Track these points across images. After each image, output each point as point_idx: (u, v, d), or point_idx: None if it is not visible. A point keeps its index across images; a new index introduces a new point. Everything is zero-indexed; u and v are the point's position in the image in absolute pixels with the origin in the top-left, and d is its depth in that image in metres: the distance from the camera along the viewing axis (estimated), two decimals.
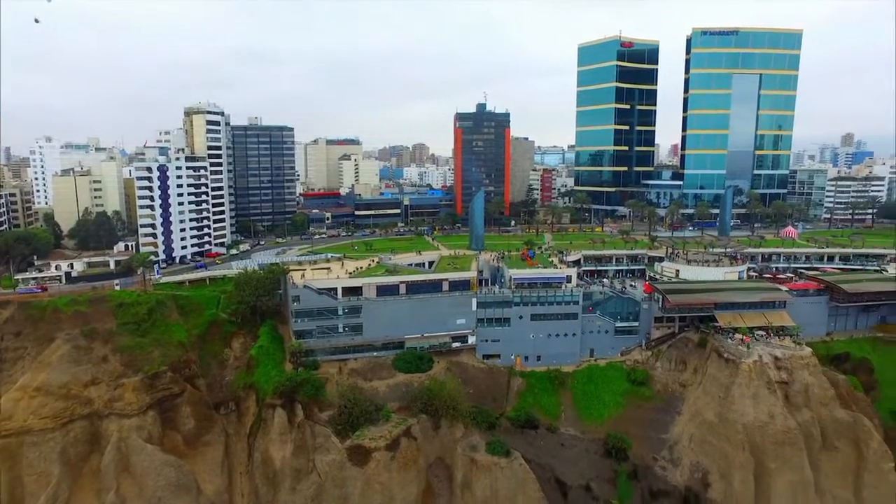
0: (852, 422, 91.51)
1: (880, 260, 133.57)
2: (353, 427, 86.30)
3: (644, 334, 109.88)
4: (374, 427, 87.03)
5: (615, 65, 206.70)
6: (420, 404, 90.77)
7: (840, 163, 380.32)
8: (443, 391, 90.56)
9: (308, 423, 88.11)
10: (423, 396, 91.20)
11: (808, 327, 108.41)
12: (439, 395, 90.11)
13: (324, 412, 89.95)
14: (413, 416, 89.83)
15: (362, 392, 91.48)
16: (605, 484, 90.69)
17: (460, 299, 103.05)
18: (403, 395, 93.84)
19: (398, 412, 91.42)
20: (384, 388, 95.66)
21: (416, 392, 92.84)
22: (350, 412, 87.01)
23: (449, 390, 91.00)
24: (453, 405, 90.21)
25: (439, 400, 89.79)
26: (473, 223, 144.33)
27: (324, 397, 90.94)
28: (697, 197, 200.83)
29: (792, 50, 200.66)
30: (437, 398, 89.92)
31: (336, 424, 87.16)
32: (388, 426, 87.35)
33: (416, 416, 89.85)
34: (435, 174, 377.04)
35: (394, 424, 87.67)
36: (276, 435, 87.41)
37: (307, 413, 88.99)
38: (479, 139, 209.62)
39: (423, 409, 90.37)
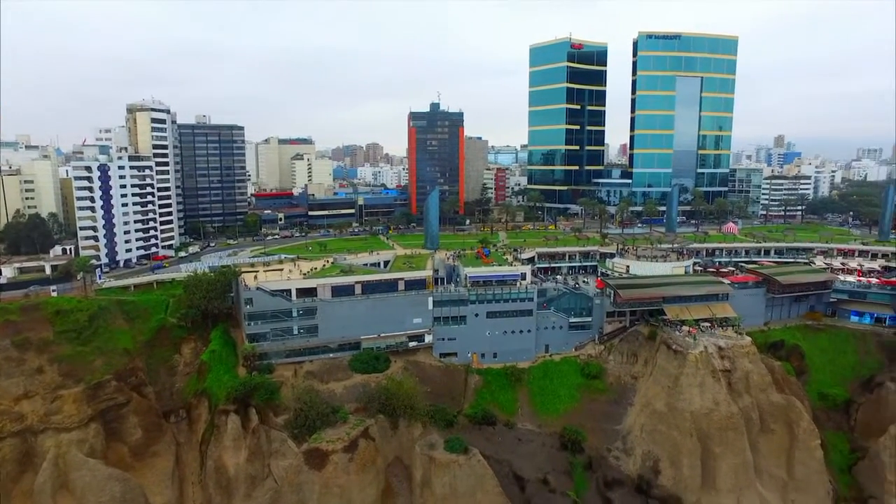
0: (786, 405, 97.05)
1: (808, 253, 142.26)
2: (309, 430, 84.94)
3: (597, 329, 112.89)
4: (331, 429, 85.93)
5: (566, 66, 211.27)
6: (378, 405, 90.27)
7: (773, 162, 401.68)
8: (400, 391, 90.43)
9: (263, 427, 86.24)
10: (380, 397, 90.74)
11: (747, 317, 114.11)
12: (397, 394, 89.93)
13: (279, 416, 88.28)
14: (371, 417, 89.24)
15: (318, 394, 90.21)
16: (562, 476, 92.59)
17: (416, 298, 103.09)
18: (361, 396, 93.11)
19: (356, 413, 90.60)
20: (341, 389, 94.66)
21: (373, 392, 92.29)
22: (306, 415, 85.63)
23: (406, 390, 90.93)
24: (411, 404, 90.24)
25: (397, 399, 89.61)
26: (428, 222, 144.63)
27: (279, 401, 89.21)
28: (646, 195, 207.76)
29: (729, 55, 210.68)
30: (394, 398, 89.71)
31: (292, 428, 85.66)
32: (345, 428, 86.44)
33: (374, 416, 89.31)
34: (389, 174, 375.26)
35: (351, 426, 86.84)
36: (229, 441, 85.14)
37: (262, 418, 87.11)
38: (433, 138, 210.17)
39: (380, 409, 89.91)
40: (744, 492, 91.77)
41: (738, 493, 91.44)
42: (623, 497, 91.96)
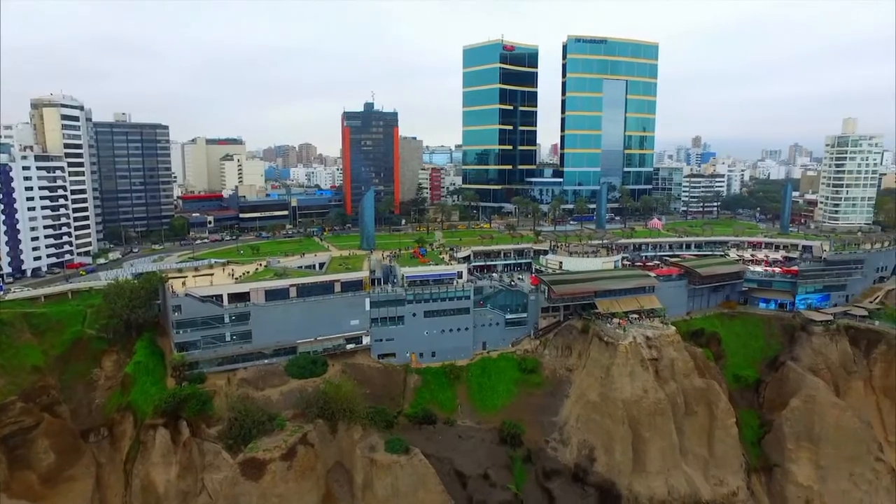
0: (706, 388, 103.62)
1: (724, 246, 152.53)
2: (245, 440, 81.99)
3: (532, 324, 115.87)
4: (267, 438, 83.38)
5: (498, 67, 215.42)
6: (316, 409, 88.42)
7: (692, 162, 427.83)
8: (339, 394, 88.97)
9: (195, 440, 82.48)
10: (318, 401, 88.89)
11: (672, 308, 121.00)
12: (335, 398, 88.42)
13: (212, 427, 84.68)
14: (309, 423, 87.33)
15: (254, 402, 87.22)
16: (502, 470, 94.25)
17: (353, 300, 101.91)
18: (298, 402, 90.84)
19: (293, 419, 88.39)
20: (277, 395, 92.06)
21: (311, 397, 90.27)
22: (241, 424, 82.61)
23: (345, 392, 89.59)
24: (350, 407, 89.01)
25: (336, 403, 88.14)
26: (364, 223, 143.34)
27: (211, 411, 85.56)
28: (576, 193, 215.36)
29: (651, 60, 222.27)
30: (333, 402, 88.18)
31: (227, 439, 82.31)
32: (283, 435, 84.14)
33: (313, 421, 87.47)
34: (323, 174, 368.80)
35: (289, 433, 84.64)
36: (158, 458, 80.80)
37: (194, 430, 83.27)
38: (367, 138, 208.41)
39: (319, 413, 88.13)
40: (671, 472, 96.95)
41: (666, 473, 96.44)
42: (561, 486, 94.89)
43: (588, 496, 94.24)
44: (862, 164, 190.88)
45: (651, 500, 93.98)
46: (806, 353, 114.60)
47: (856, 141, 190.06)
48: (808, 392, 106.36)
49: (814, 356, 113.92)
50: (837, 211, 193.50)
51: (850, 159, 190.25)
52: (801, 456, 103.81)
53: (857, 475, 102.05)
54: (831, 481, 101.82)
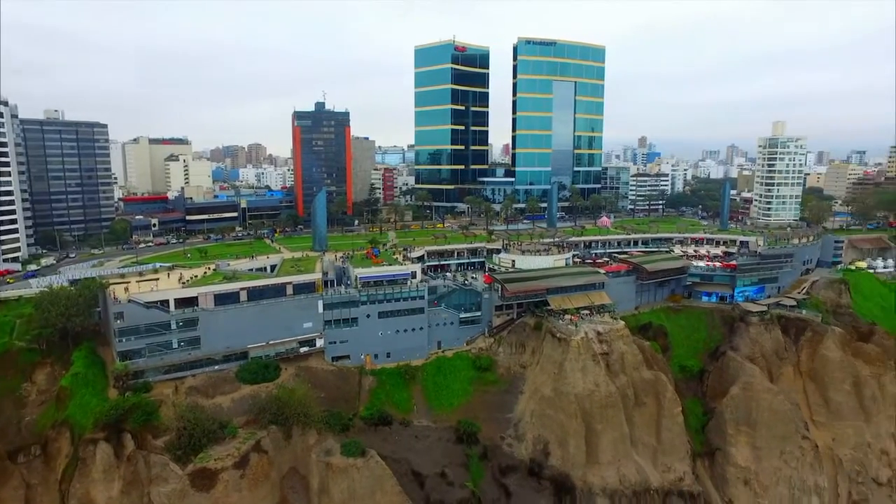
0: (654, 380, 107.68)
1: (669, 242, 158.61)
2: (194, 450, 79.33)
3: (486, 323, 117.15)
4: (219, 446, 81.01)
5: (450, 67, 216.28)
6: (269, 415, 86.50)
7: (638, 161, 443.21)
8: (292, 398, 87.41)
9: (140, 453, 79.00)
10: (271, 406, 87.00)
11: (621, 303, 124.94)
12: (289, 403, 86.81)
13: (159, 438, 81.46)
14: (262, 429, 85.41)
15: (203, 410, 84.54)
16: (459, 468, 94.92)
17: (306, 302, 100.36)
18: (251, 408, 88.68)
19: (246, 426, 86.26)
20: (228, 402, 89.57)
21: (263, 403, 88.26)
22: (190, 434, 79.86)
23: (299, 397, 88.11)
24: (304, 412, 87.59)
25: (289, 408, 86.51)
26: (316, 224, 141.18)
27: (158, 422, 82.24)
28: (528, 192, 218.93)
29: (598, 62, 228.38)
30: (286, 406, 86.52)
31: (175, 450, 79.34)
32: (235, 443, 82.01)
33: (266, 428, 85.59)
34: (274, 175, 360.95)
35: (241, 440, 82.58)
36: (98, 474, 76.74)
37: (139, 442, 79.75)
38: (318, 138, 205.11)
39: (272, 419, 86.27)
40: (622, 462, 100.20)
41: (617, 463, 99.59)
42: (517, 481, 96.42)
43: (544, 490, 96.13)
44: (790, 164, 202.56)
45: (604, 491, 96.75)
46: (744, 343, 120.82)
47: (784, 143, 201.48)
48: (746, 379, 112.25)
49: (751, 345, 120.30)
50: (770, 208, 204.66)
51: (780, 160, 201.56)
52: (739, 439, 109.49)
53: (787, 453, 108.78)
54: (765, 460, 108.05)
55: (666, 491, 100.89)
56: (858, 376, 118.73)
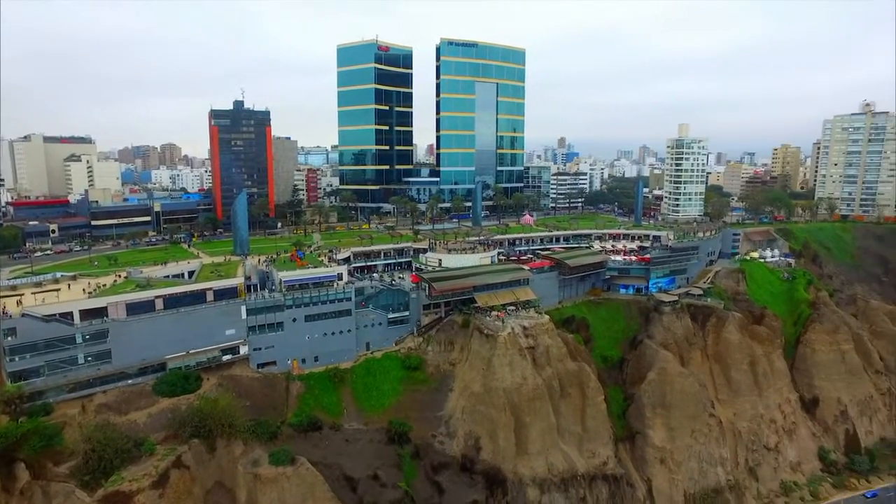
0: (578, 370, 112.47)
1: (588, 238, 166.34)
2: (105, 473, 73.53)
3: (415, 322, 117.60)
4: (134, 466, 75.94)
5: (373, 67, 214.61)
6: (190, 428, 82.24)
7: (558, 161, 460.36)
8: (216, 409, 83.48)
9: (38, 483, 71.04)
10: (193, 419, 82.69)
11: (545, 298, 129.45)
12: (212, 414, 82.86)
13: (62, 465, 74.70)
14: (183, 443, 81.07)
15: (116, 429, 78.78)
16: (392, 469, 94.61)
17: (228, 308, 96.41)
18: (170, 422, 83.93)
19: (165, 442, 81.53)
20: (145, 418, 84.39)
21: (184, 416, 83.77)
22: (100, 456, 73.97)
23: (223, 407, 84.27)
24: (229, 422, 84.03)
25: (213, 419, 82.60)
26: (237, 227, 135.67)
27: (61, 446, 74.83)
28: (453, 192, 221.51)
29: (519, 64, 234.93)
30: (209, 418, 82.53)
31: (82, 475, 72.93)
32: (152, 461, 77.23)
33: (187, 442, 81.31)
34: (190, 176, 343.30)
35: (160, 457, 77.91)
36: None
37: (36, 472, 71.44)
38: (237, 138, 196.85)
39: (194, 433, 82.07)
40: (550, 451, 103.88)
41: (546, 453, 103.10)
42: (450, 478, 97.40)
43: (476, 484, 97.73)
44: (694, 163, 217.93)
45: (534, 480, 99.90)
46: (658, 331, 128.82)
47: (689, 144, 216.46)
48: (661, 365, 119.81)
49: (664, 333, 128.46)
50: (678, 204, 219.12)
51: (686, 159, 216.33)
52: (656, 422, 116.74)
53: (697, 431, 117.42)
54: (678, 439, 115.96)
55: (592, 476, 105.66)
56: (754, 355, 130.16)
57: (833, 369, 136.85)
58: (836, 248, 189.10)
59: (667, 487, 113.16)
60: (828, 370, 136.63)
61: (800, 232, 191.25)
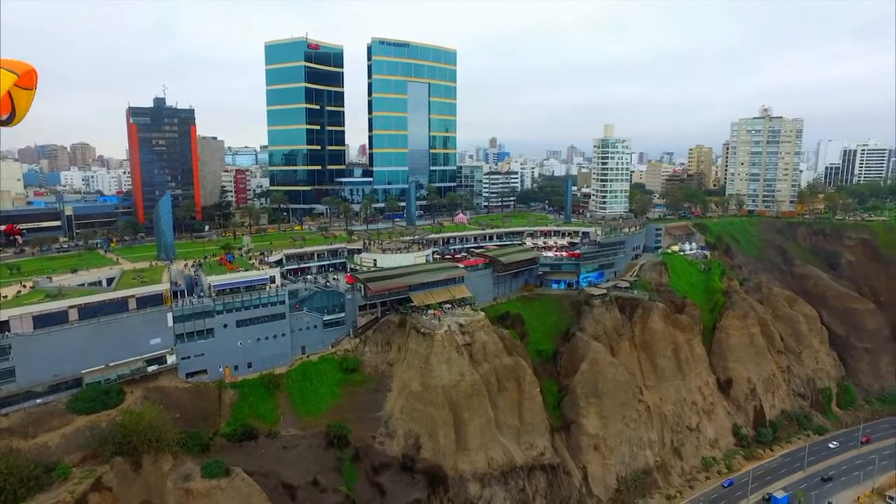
0: (514, 365, 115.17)
1: (521, 236, 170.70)
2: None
3: (351, 323, 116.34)
4: (44, 494, 69.72)
5: (303, 65, 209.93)
6: (113, 446, 77.24)
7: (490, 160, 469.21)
8: (141, 424, 78.92)
9: None
10: (115, 436, 77.69)
11: (480, 295, 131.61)
12: (137, 429, 78.25)
13: None
14: (104, 463, 76.20)
15: (20, 455, 72.42)
16: (332, 473, 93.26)
17: (152, 316, 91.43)
18: (88, 442, 78.49)
19: (83, 463, 76.27)
20: (58, 440, 78.44)
21: (105, 433, 78.52)
22: (2, 487, 67.62)
23: (149, 421, 79.83)
24: (156, 436, 79.74)
25: (137, 435, 78.07)
26: (161, 231, 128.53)
27: None
28: (386, 192, 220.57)
29: (450, 65, 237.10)
30: (134, 434, 77.92)
31: None
32: (68, 486, 71.76)
33: (109, 461, 76.43)
34: (106, 178, 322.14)
35: (76, 481, 72.54)
36: None
37: None
38: (159, 137, 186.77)
39: (116, 450, 77.18)
40: (489, 445, 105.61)
41: (485, 448, 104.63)
42: (391, 478, 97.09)
43: (417, 483, 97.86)
44: (619, 162, 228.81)
45: (474, 475, 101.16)
46: (589, 324, 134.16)
47: (614, 143, 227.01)
48: (593, 356, 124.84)
49: (595, 325, 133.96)
50: (605, 202, 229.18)
51: (611, 158, 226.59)
52: (590, 411, 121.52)
53: (627, 417, 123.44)
54: (610, 426, 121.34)
55: (530, 467, 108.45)
56: (676, 343, 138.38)
57: (744, 352, 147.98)
58: (744, 241, 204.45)
59: (601, 472, 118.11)
60: (739, 353, 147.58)
61: (714, 226, 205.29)
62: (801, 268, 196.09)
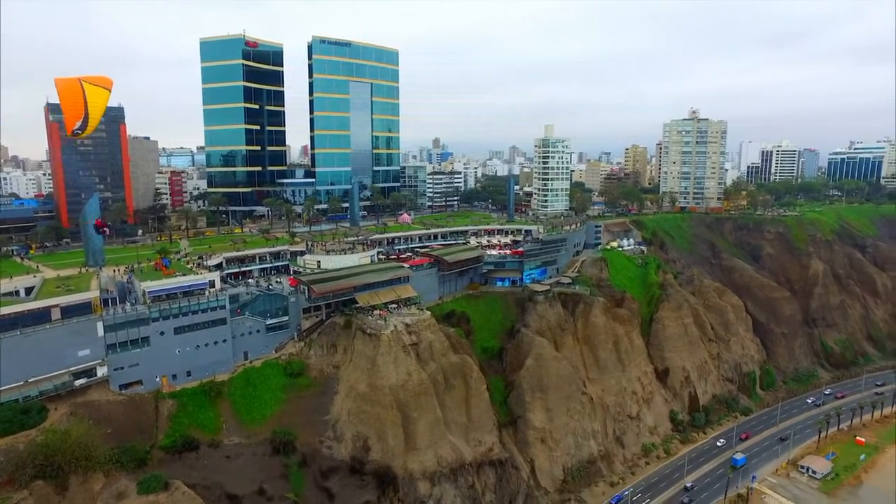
0: (461, 363, 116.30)
1: (465, 235, 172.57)
2: None
3: (295, 327, 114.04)
4: None
5: (241, 63, 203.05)
6: (32, 469, 71.85)
7: (433, 161, 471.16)
8: (66, 442, 74.08)
9: None
10: (35, 458, 72.35)
11: (426, 295, 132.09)
12: (62, 448, 73.37)
13: None
14: (23, 488, 70.66)
15: None
16: (278, 481, 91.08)
17: (80, 327, 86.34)
18: (3, 467, 72.62)
19: None
20: None
21: (23, 456, 72.92)
22: None
23: (76, 438, 75.10)
24: (84, 455, 75.09)
25: (63, 454, 73.24)
26: (88, 236, 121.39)
27: None
28: (329, 193, 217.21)
29: (392, 65, 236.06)
30: (58, 454, 73.00)
31: None
32: None
33: (28, 486, 70.98)
34: (23, 181, 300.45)
35: None
36: None
37: None
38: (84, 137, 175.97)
39: (37, 473, 71.76)
40: (438, 444, 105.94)
41: (434, 446, 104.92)
42: (340, 482, 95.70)
43: (367, 485, 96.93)
44: (559, 162, 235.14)
45: (424, 474, 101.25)
46: (533, 320, 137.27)
47: (554, 143, 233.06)
48: (538, 351, 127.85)
49: (539, 321, 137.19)
50: (546, 200, 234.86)
51: (552, 158, 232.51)
52: (535, 405, 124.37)
53: (571, 409, 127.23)
54: (556, 419, 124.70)
55: (479, 463, 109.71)
56: (617, 336, 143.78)
57: (679, 341, 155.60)
58: (677, 236, 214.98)
59: (547, 465, 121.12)
60: (675, 342, 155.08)
61: (649, 222, 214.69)
62: (729, 260, 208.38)
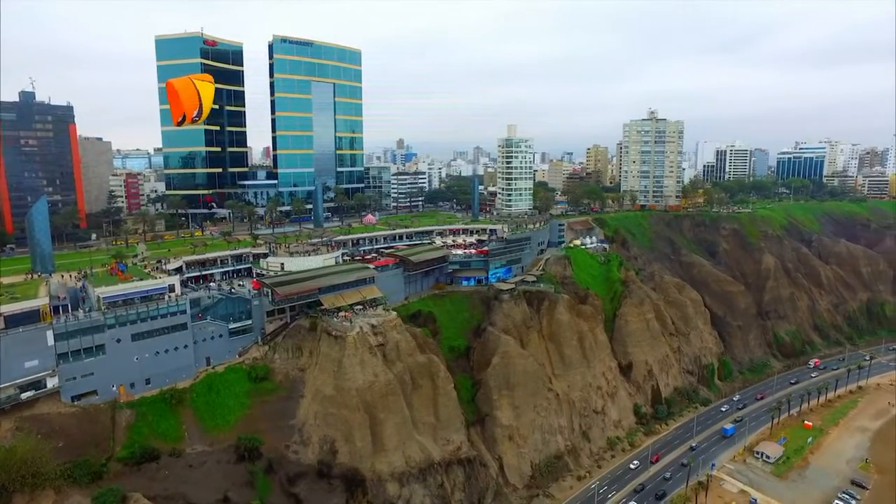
0: (428, 363, 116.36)
1: (430, 235, 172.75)
2: None
3: (259, 330, 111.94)
4: None
5: (199, 62, 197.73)
6: None
7: (398, 161, 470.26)
8: (11, 460, 70.75)
9: None
10: None
11: (392, 295, 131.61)
12: (6, 466, 70.15)
13: None
14: None
15: None
16: (244, 489, 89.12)
17: (27, 336, 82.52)
18: None
19: None
20: None
21: None
22: None
23: (22, 455, 71.66)
24: (32, 472, 71.76)
25: (7, 472, 70.04)
26: (36, 241, 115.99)
27: None
28: (292, 194, 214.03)
29: (355, 65, 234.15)
30: (3, 472, 69.84)
31: None
32: None
33: None
34: None
35: None
36: None
37: None
38: (30, 137, 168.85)
39: None
40: (406, 444, 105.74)
41: (402, 447, 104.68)
42: (307, 486, 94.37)
43: (335, 489, 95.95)
44: (522, 161, 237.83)
45: (392, 475, 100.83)
46: (499, 318, 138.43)
47: (517, 143, 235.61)
48: (504, 349, 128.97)
49: (505, 319, 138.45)
50: (510, 199, 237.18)
51: (515, 157, 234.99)
52: (503, 402, 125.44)
53: (538, 405, 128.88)
54: (523, 416, 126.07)
55: (448, 462, 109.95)
56: (581, 332, 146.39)
57: (641, 336, 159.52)
58: (638, 234, 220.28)
59: (516, 461, 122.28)
60: (637, 337, 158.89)
61: (611, 221, 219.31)
62: (687, 257, 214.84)
